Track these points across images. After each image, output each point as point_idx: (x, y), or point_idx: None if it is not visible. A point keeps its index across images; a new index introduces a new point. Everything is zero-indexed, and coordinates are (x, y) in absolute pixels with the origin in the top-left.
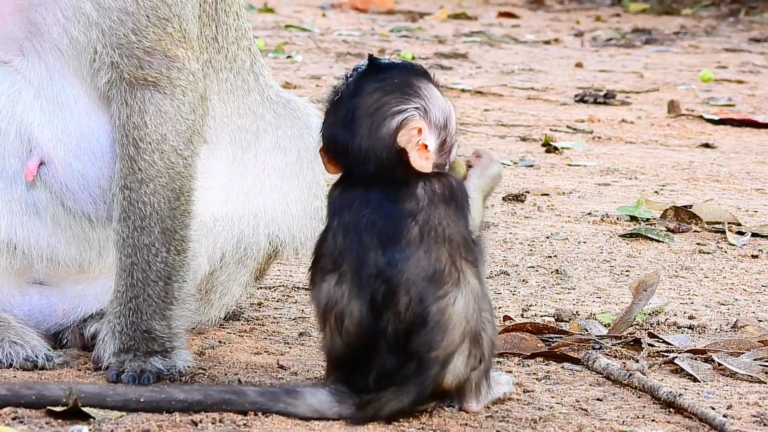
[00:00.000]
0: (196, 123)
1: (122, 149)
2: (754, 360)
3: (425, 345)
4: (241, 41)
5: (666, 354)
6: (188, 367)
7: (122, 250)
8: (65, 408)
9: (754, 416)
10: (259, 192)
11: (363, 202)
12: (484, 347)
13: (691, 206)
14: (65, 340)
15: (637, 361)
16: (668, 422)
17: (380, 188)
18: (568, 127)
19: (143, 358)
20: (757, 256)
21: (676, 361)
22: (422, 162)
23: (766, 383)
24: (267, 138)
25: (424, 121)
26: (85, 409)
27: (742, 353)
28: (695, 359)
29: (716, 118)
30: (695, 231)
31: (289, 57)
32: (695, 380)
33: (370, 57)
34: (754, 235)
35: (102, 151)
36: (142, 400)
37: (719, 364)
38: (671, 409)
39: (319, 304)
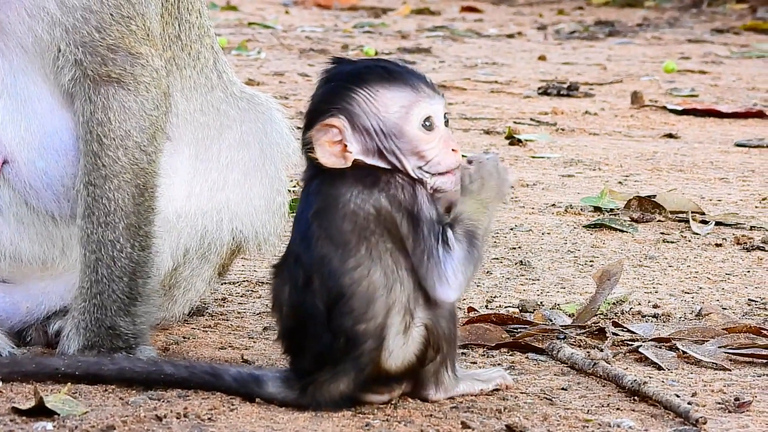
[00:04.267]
0: (159, 119)
1: (86, 146)
2: (719, 347)
3: (348, 318)
4: (204, 39)
5: (630, 343)
6: None
7: (87, 247)
8: (31, 406)
9: (719, 403)
10: (223, 188)
11: (302, 194)
12: (441, 337)
13: (654, 196)
14: (29, 338)
15: (601, 351)
16: (633, 410)
17: (315, 178)
18: (531, 119)
19: (108, 354)
20: (720, 245)
21: (640, 349)
22: (330, 159)
23: (730, 370)
24: (230, 134)
25: (345, 121)
26: (50, 406)
27: (707, 341)
28: (660, 348)
29: (679, 108)
30: (659, 221)
31: (259, 53)
32: (660, 368)
33: (336, 59)
34: (717, 223)
35: (65, 149)
36: (136, 370)
37: (683, 352)
38: (636, 398)
39: (271, 295)
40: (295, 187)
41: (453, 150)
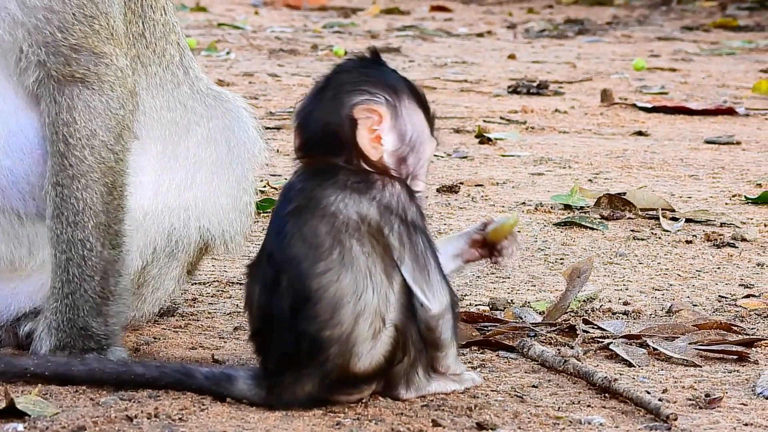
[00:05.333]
0: (126, 118)
1: (53, 146)
2: (689, 344)
3: (313, 323)
4: (170, 36)
5: (601, 340)
6: None
7: (57, 247)
8: (1, 407)
9: (689, 399)
10: (190, 186)
11: (284, 190)
12: (409, 340)
13: (624, 194)
14: None
15: (572, 348)
16: (604, 407)
17: (303, 176)
18: (501, 118)
19: (79, 355)
20: (691, 242)
21: (611, 346)
22: (369, 145)
23: (701, 367)
24: (198, 131)
25: (388, 115)
26: (20, 407)
27: (677, 337)
28: (630, 344)
29: (649, 106)
30: (629, 218)
31: (228, 53)
32: (630, 365)
33: (374, 49)
34: (687, 220)
35: (31, 147)
36: (106, 371)
37: (654, 349)
38: (607, 395)
39: (245, 293)
40: (265, 187)
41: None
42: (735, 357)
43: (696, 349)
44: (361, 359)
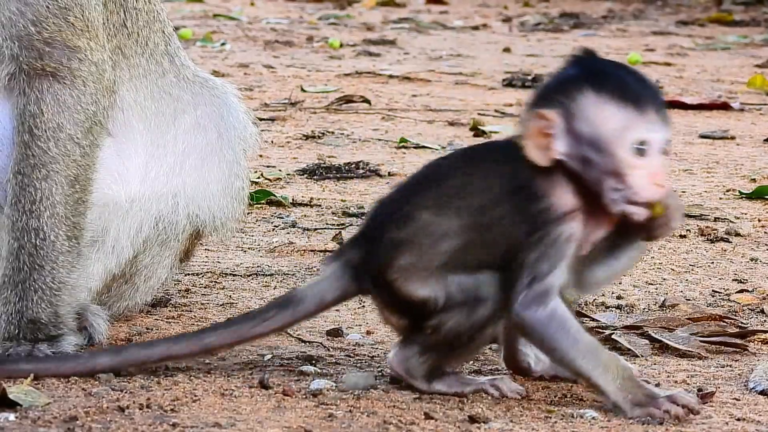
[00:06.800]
0: (98, 114)
1: (18, 136)
2: (690, 335)
3: None
4: (153, 24)
5: (602, 331)
6: (80, 349)
7: (11, 234)
8: None
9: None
10: (179, 172)
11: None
12: None
13: None
14: None
15: None
16: (596, 401)
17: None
18: (496, 111)
19: (29, 345)
20: (685, 236)
21: (614, 336)
22: (533, 150)
23: (706, 358)
24: (186, 118)
25: (560, 118)
26: (12, 397)
27: (674, 329)
28: (630, 335)
29: None
30: None
31: (223, 44)
32: (635, 356)
33: (588, 51)
34: None
35: (5, 139)
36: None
37: (656, 340)
38: (599, 397)
39: None
40: (259, 178)
41: (657, 184)
42: (733, 349)
43: (698, 340)
44: None
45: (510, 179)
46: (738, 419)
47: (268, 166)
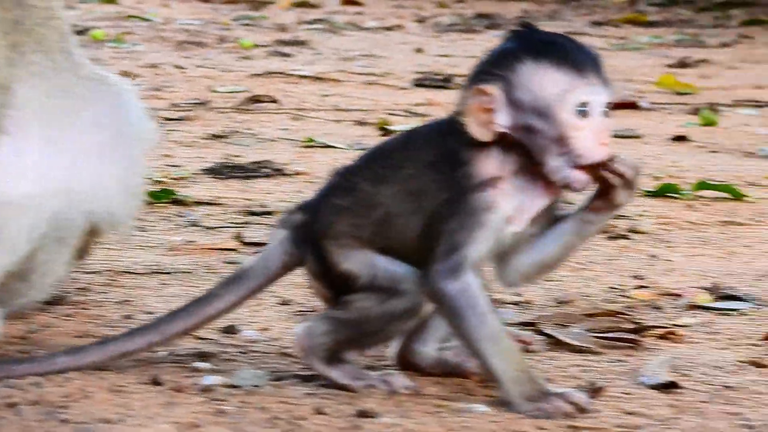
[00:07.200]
0: None
1: None
2: (586, 330)
3: None
4: (51, 21)
5: None
6: None
7: None
8: None
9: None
10: (76, 170)
11: None
12: None
13: None
14: None
15: None
16: (486, 396)
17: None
18: (405, 110)
19: None
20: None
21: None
22: (475, 127)
23: (600, 353)
24: (83, 116)
25: (500, 92)
26: None
27: (571, 325)
28: (525, 331)
29: None
30: None
31: (134, 45)
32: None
33: (525, 24)
34: None
35: None
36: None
37: (551, 336)
38: (490, 383)
39: None
40: (164, 177)
41: (602, 144)
42: (628, 344)
43: (593, 336)
44: None
45: (439, 147)
46: (628, 413)
47: (173, 166)
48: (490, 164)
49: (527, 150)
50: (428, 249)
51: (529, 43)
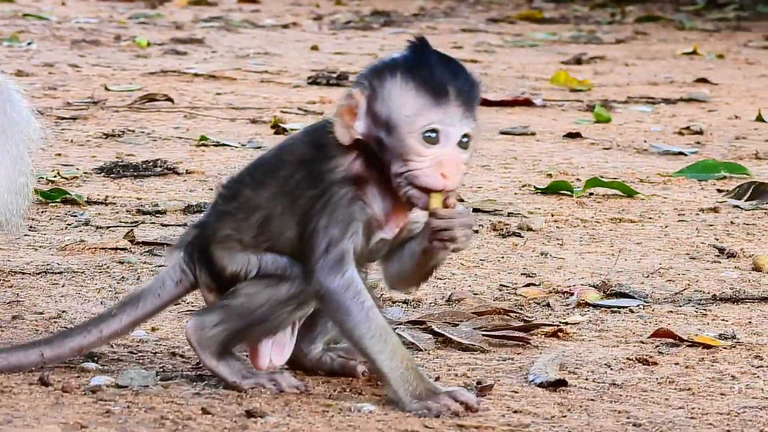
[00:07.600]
0: None
1: None
2: (474, 329)
3: None
4: None
5: None
6: None
7: None
8: None
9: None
10: None
11: None
12: None
13: None
14: None
15: None
16: (374, 395)
17: None
18: (299, 108)
19: None
20: (477, 231)
21: (396, 332)
22: (339, 129)
23: (488, 351)
24: None
25: (364, 100)
26: None
27: (460, 323)
28: (414, 330)
29: None
30: None
31: (30, 44)
32: (419, 350)
33: (419, 38)
34: (475, 210)
35: None
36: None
37: (439, 335)
38: (378, 383)
39: None
40: (56, 176)
41: (443, 175)
42: (517, 342)
43: (482, 334)
44: None
45: (311, 146)
46: (515, 411)
47: (65, 165)
48: (355, 164)
49: (381, 161)
50: (308, 248)
51: (410, 60)
